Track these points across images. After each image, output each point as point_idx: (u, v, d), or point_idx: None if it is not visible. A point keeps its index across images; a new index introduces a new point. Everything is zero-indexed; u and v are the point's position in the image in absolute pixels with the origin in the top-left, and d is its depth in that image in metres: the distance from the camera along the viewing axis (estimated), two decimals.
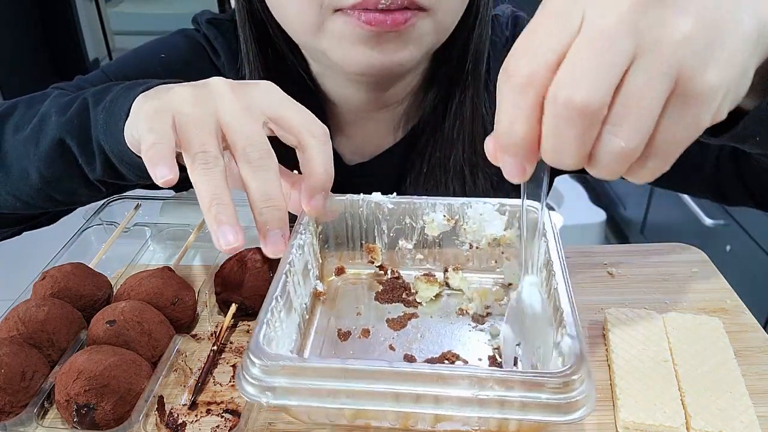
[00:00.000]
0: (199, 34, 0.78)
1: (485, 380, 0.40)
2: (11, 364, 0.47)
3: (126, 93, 0.56)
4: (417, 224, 0.61)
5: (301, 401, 0.42)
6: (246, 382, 0.42)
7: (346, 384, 0.41)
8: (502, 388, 0.40)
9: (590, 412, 0.40)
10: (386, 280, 0.61)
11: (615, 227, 2.36)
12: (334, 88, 0.73)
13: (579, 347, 0.42)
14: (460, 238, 0.61)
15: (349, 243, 0.62)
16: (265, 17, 0.69)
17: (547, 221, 0.54)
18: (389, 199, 0.60)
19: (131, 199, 0.70)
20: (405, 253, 0.62)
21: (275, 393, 0.41)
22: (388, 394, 0.41)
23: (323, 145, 0.52)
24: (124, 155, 0.56)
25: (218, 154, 0.47)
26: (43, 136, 0.61)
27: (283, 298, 0.49)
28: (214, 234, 0.46)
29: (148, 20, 3.75)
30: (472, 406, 0.41)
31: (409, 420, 0.45)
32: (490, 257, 0.61)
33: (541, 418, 0.40)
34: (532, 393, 0.40)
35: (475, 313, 0.58)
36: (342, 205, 0.60)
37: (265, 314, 0.46)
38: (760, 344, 0.55)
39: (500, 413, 0.41)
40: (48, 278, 0.56)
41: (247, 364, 0.42)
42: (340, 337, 0.55)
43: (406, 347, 0.54)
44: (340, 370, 0.41)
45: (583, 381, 0.40)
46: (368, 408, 0.42)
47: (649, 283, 0.63)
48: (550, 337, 0.48)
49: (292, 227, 0.56)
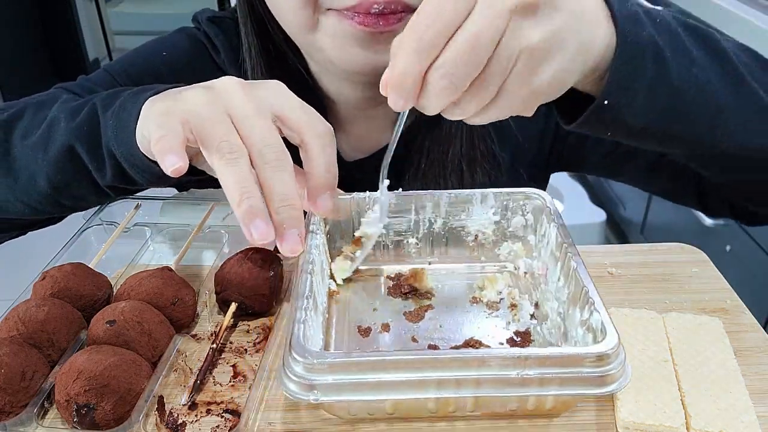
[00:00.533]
0: (200, 32, 0.78)
1: (526, 360, 0.42)
2: (11, 364, 0.47)
3: (135, 98, 0.56)
4: (422, 219, 0.62)
5: (346, 396, 0.43)
6: (289, 380, 0.43)
7: (391, 375, 0.42)
8: (542, 366, 0.42)
9: (625, 384, 0.43)
10: (394, 275, 0.62)
11: (615, 227, 2.36)
12: (331, 85, 0.73)
13: (610, 322, 0.45)
14: (465, 230, 0.62)
15: None
16: (264, 13, 0.69)
17: (554, 208, 0.58)
18: (395, 194, 0.61)
19: (131, 199, 0.70)
20: (411, 247, 0.63)
21: (320, 390, 0.42)
22: (430, 381, 0.42)
23: (327, 145, 0.52)
24: (135, 159, 0.56)
25: (242, 146, 0.48)
26: (52, 142, 0.61)
27: (311, 298, 0.50)
28: (245, 227, 0.47)
29: (148, 20, 3.75)
30: (514, 386, 0.43)
31: (449, 407, 0.47)
32: (494, 246, 0.63)
33: (579, 392, 0.43)
34: (571, 369, 0.42)
35: (489, 300, 0.59)
36: (348, 204, 0.61)
37: (299, 314, 0.47)
38: (760, 344, 0.55)
39: (539, 391, 0.43)
40: (48, 278, 0.56)
41: (289, 363, 0.43)
42: (361, 333, 0.56)
43: (428, 338, 0.55)
44: (385, 362, 0.42)
45: (618, 354, 0.43)
46: (410, 398, 0.43)
47: (649, 283, 0.63)
48: None
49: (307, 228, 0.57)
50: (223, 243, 0.66)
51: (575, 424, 0.48)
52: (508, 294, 0.59)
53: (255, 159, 0.48)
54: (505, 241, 0.63)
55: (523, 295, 0.59)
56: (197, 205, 0.70)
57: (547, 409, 0.47)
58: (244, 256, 0.58)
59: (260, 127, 0.49)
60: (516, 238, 0.62)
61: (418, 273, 0.60)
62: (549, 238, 0.57)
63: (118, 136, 0.57)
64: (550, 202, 0.59)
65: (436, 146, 0.74)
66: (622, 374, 0.43)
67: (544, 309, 0.57)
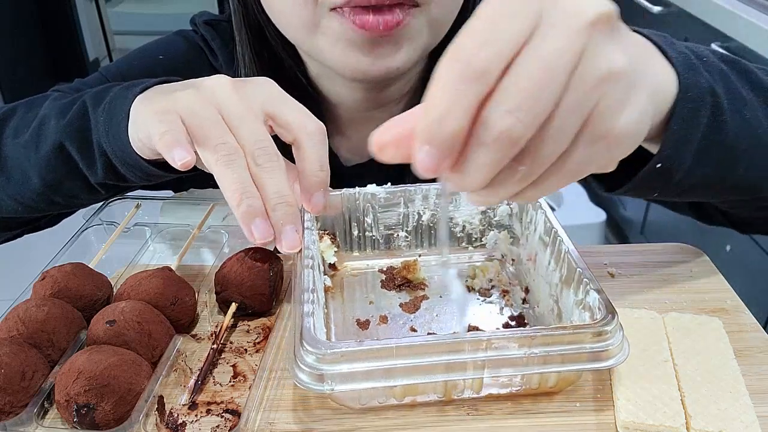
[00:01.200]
0: (197, 36, 0.78)
1: (532, 339, 0.44)
2: (11, 364, 0.47)
3: (125, 93, 0.56)
4: (411, 212, 0.64)
5: (359, 385, 0.44)
6: (301, 371, 0.44)
7: (402, 361, 0.43)
8: (546, 345, 0.44)
9: (623, 360, 0.44)
10: (387, 269, 0.63)
11: (615, 227, 2.36)
12: (331, 88, 0.73)
13: (607, 299, 0.46)
14: (453, 221, 0.64)
15: (347, 236, 0.64)
16: (261, 18, 0.69)
17: None
18: (384, 189, 0.62)
19: (131, 199, 0.70)
20: (401, 241, 0.65)
21: (334, 380, 0.43)
22: (439, 365, 0.44)
23: (318, 142, 0.52)
24: (127, 156, 0.56)
25: (238, 147, 0.48)
26: (43, 140, 0.61)
27: (315, 292, 0.51)
28: (246, 227, 0.48)
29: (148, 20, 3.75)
30: (518, 365, 0.44)
31: (456, 389, 0.48)
32: (481, 235, 0.65)
33: (581, 367, 0.45)
34: (575, 345, 0.44)
35: (481, 288, 0.61)
36: (339, 200, 0.62)
37: (308, 307, 0.47)
38: (760, 344, 0.55)
39: (543, 368, 0.44)
40: (48, 278, 0.56)
41: (301, 354, 0.44)
42: (360, 326, 0.57)
43: (427, 327, 0.57)
44: (396, 348, 0.43)
45: (617, 330, 0.44)
46: (422, 382, 0.44)
47: (650, 283, 0.63)
48: None
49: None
50: (223, 243, 0.66)
51: (575, 425, 0.48)
52: (499, 281, 0.61)
53: (248, 160, 0.49)
54: (492, 230, 0.64)
55: (513, 281, 0.61)
56: (197, 205, 0.70)
57: (549, 386, 0.49)
58: (244, 256, 0.58)
59: (251, 127, 0.49)
60: (501, 227, 0.64)
61: (410, 265, 0.61)
62: (536, 225, 0.59)
63: (108, 133, 0.57)
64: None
65: None
66: (620, 350, 0.45)
67: (535, 293, 0.58)
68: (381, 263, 0.64)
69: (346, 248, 0.65)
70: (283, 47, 0.70)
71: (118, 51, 3.76)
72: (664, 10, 1.86)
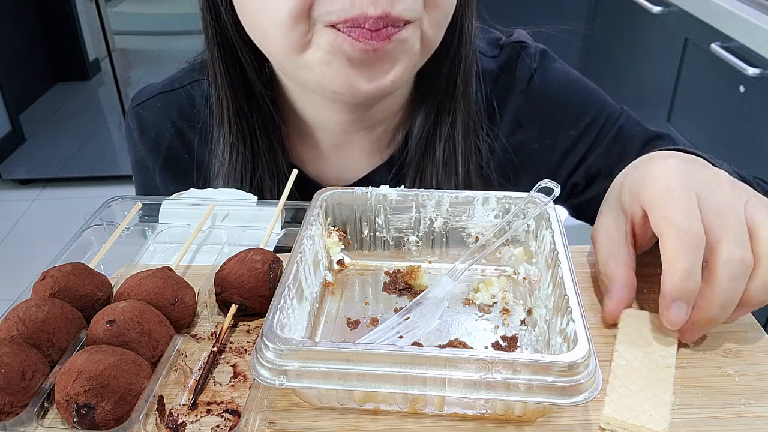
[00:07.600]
0: (142, 114, 0.82)
1: (492, 363, 0.42)
2: (11, 364, 0.47)
3: None
4: (422, 217, 0.63)
5: (312, 384, 0.43)
6: (260, 365, 0.43)
7: (356, 367, 0.43)
8: (508, 371, 0.42)
9: (595, 395, 0.42)
10: (393, 272, 0.63)
11: None
12: (313, 112, 0.73)
13: (584, 332, 0.44)
14: (466, 231, 0.63)
15: (357, 234, 0.64)
16: (236, 41, 0.69)
17: (552, 214, 0.57)
18: (396, 191, 0.62)
19: (131, 199, 0.70)
20: (412, 245, 0.64)
21: (288, 376, 0.43)
22: (397, 376, 0.43)
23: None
24: None
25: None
26: None
27: (295, 286, 0.51)
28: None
29: (148, 20, 3.75)
30: (479, 389, 0.42)
31: (417, 403, 0.47)
32: (495, 249, 0.62)
33: (546, 400, 0.42)
34: (538, 376, 0.42)
35: (481, 303, 0.59)
36: (351, 198, 0.62)
37: (278, 301, 0.47)
38: (760, 344, 0.55)
39: (506, 396, 0.42)
40: (48, 278, 0.56)
41: (261, 348, 0.44)
42: (349, 325, 0.57)
43: (414, 335, 0.55)
44: (350, 353, 0.43)
45: (587, 365, 0.42)
46: (377, 390, 0.43)
47: (649, 283, 0.63)
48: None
49: (304, 219, 0.58)
50: (223, 243, 0.66)
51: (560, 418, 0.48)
52: (502, 298, 0.59)
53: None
54: (507, 245, 0.62)
55: (518, 301, 0.59)
56: (197, 205, 0.70)
57: (517, 415, 0.47)
58: (244, 257, 0.58)
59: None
60: (517, 243, 0.62)
61: (413, 270, 0.61)
62: (545, 245, 0.57)
63: None
64: (550, 208, 0.58)
65: (427, 174, 0.74)
66: (591, 385, 0.42)
67: (534, 316, 0.56)
68: (388, 265, 0.63)
69: (357, 246, 0.64)
70: (255, 71, 0.71)
71: (118, 51, 3.75)
72: (664, 10, 1.86)
